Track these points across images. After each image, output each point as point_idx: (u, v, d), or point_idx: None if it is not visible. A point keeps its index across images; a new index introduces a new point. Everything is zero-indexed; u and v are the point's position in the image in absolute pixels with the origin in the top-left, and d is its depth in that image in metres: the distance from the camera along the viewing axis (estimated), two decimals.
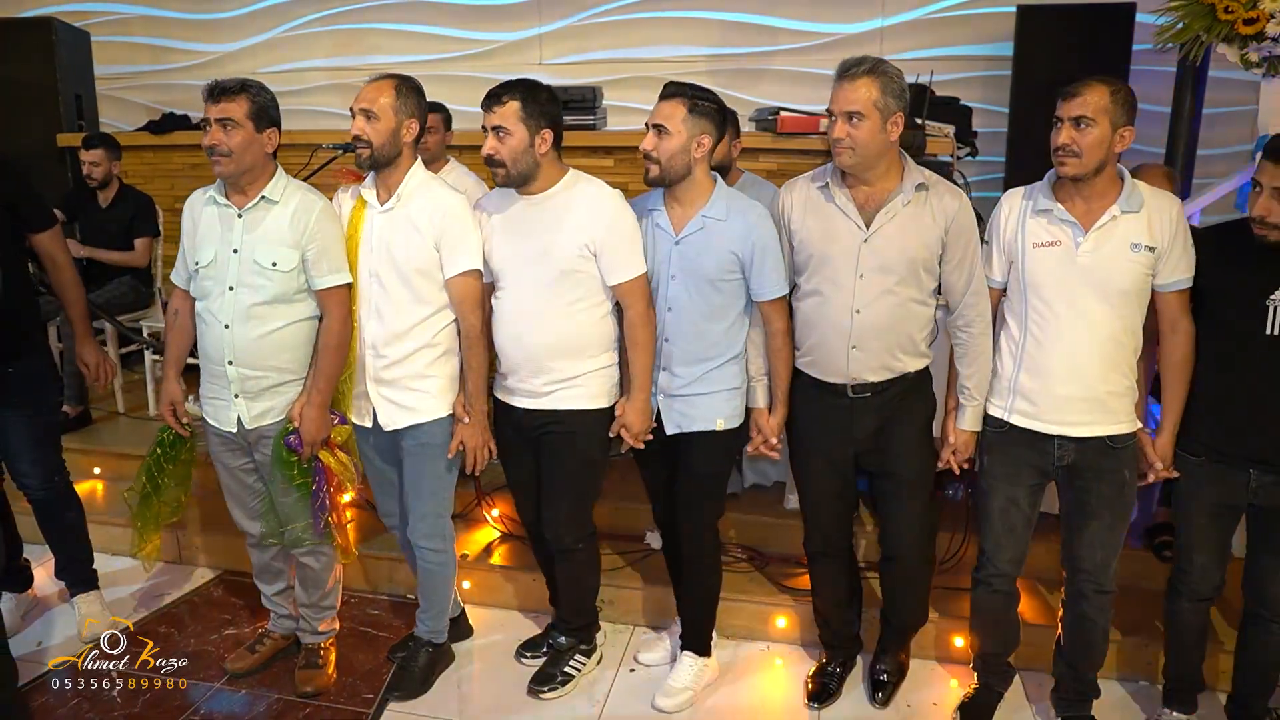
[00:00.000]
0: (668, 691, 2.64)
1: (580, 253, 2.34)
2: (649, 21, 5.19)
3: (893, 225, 2.24)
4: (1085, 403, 2.23)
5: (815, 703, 2.65)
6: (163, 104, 5.56)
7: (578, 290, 2.38)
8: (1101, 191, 2.17)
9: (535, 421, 2.47)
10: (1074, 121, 2.10)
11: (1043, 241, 2.22)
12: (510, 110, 2.29)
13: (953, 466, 2.41)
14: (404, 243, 2.39)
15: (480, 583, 3.15)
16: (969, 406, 2.36)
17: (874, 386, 2.34)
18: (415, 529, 2.59)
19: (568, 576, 2.69)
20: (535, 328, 2.40)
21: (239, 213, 2.38)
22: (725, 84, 5.12)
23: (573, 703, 2.66)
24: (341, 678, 2.73)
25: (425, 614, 2.73)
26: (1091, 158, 2.10)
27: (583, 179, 2.41)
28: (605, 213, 2.35)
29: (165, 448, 2.70)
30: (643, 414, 2.42)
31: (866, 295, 2.26)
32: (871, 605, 2.78)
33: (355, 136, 2.35)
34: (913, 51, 4.88)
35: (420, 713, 2.60)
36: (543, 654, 2.82)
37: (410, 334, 2.43)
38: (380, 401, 2.47)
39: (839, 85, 2.17)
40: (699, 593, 2.67)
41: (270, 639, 2.83)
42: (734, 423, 2.44)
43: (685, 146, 2.27)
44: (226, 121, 2.31)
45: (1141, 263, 2.16)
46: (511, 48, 5.36)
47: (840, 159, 2.20)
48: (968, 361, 2.34)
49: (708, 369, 2.40)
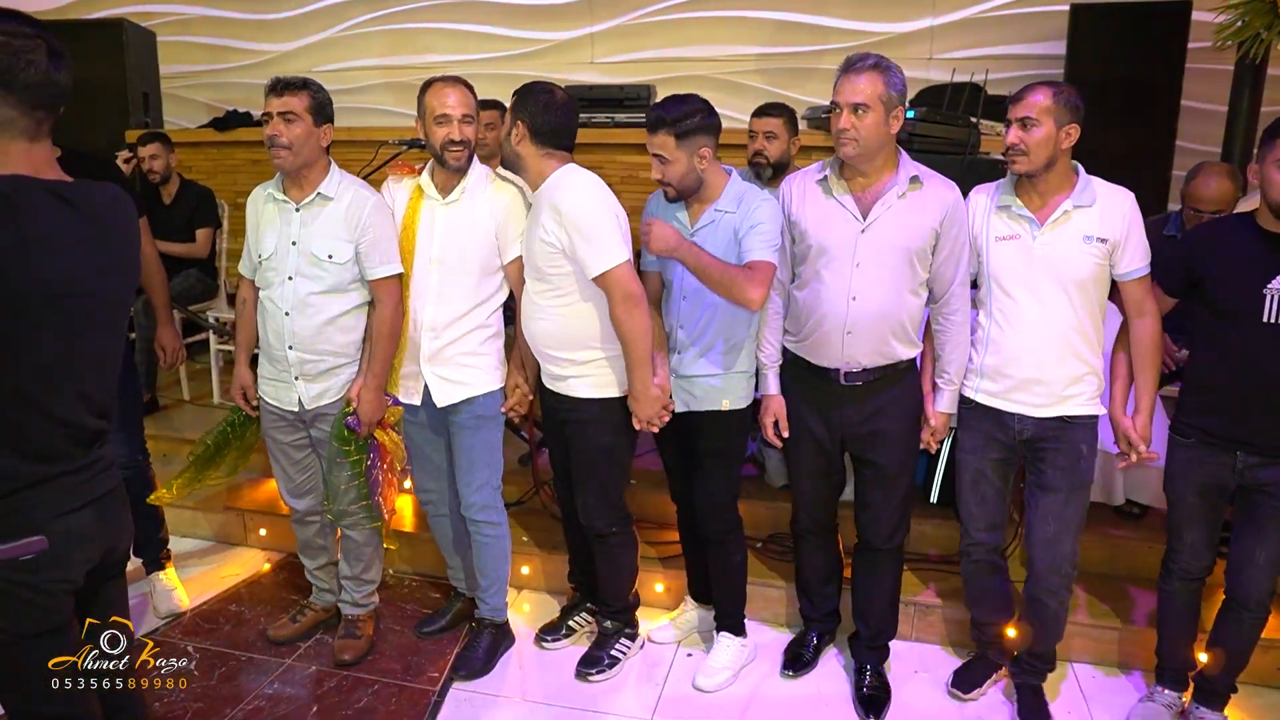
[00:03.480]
0: (707, 671, 2.71)
1: (549, 250, 2.38)
2: (699, 21, 5.24)
3: (889, 216, 2.30)
4: (1043, 385, 2.34)
5: (790, 670, 2.75)
6: (221, 102, 5.71)
7: (561, 285, 2.42)
8: (1055, 187, 2.29)
9: (560, 405, 2.57)
10: (1020, 123, 2.23)
11: (1003, 235, 2.34)
12: (510, 105, 2.44)
13: (930, 446, 2.52)
14: (469, 234, 2.52)
15: (537, 567, 3.23)
16: (947, 390, 2.46)
17: (865, 374, 2.42)
18: (470, 503, 2.69)
19: (604, 561, 2.74)
20: (531, 320, 2.51)
21: (296, 207, 2.51)
22: (775, 83, 5.16)
23: (633, 684, 2.73)
24: (406, 656, 2.82)
25: (485, 592, 2.81)
26: (1039, 155, 2.23)
27: (567, 176, 2.41)
28: (569, 209, 2.34)
29: (235, 427, 2.86)
30: (646, 403, 2.42)
31: (862, 283, 2.33)
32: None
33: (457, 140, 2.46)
34: (963, 51, 4.88)
35: (485, 692, 2.68)
36: (563, 636, 2.89)
37: (468, 316, 2.56)
38: (434, 379, 2.57)
39: (845, 78, 2.24)
40: (726, 571, 2.73)
41: (311, 610, 2.96)
42: (740, 404, 2.52)
43: (689, 167, 2.37)
44: (288, 114, 2.43)
45: (1094, 254, 2.26)
46: (563, 46, 5.44)
47: (844, 149, 2.26)
48: (949, 348, 2.43)
49: (717, 352, 2.48)
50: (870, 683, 2.66)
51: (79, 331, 1.50)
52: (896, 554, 2.64)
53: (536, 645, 2.89)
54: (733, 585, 2.75)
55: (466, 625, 2.94)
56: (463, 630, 2.95)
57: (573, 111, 2.48)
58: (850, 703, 2.64)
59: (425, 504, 2.88)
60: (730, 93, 5.14)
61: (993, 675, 2.70)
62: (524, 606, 3.14)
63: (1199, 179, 2.94)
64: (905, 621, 2.87)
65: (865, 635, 2.70)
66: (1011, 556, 2.91)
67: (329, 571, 2.94)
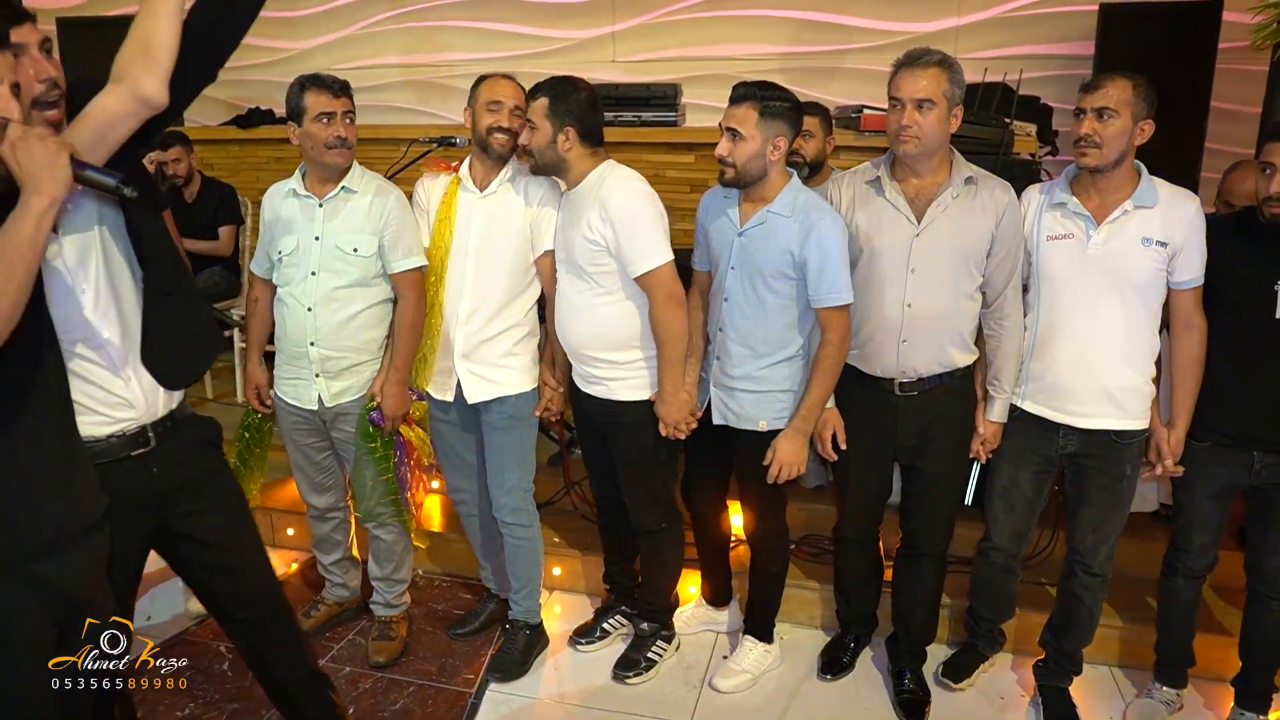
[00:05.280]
0: (726, 672, 2.70)
1: (593, 248, 2.37)
2: (721, 20, 5.21)
3: (944, 219, 2.25)
4: (1092, 394, 2.28)
5: (828, 673, 2.73)
6: (241, 99, 5.67)
7: (603, 284, 2.41)
8: (1118, 185, 2.22)
9: (599, 409, 2.55)
10: (1097, 113, 2.14)
11: (1056, 234, 2.28)
12: (539, 106, 2.37)
13: (980, 456, 2.46)
14: (505, 226, 2.51)
15: (569, 569, 3.21)
16: (999, 399, 2.39)
17: (921, 384, 2.36)
18: (501, 505, 2.67)
19: (651, 557, 2.73)
20: (568, 320, 2.48)
21: (320, 202, 2.50)
22: (797, 83, 5.08)
23: (670, 687, 2.71)
24: (440, 658, 2.80)
25: (518, 594, 2.79)
26: (1112, 149, 2.15)
27: (612, 173, 2.41)
28: (613, 207, 2.33)
29: (252, 431, 2.84)
30: (673, 407, 2.41)
31: (918, 289, 2.28)
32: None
33: (504, 128, 2.46)
34: (988, 51, 4.85)
35: (521, 694, 2.66)
36: (597, 639, 2.88)
37: (503, 312, 2.54)
38: (467, 376, 2.55)
39: (908, 72, 2.17)
40: (763, 579, 2.72)
41: (325, 605, 2.97)
42: (779, 424, 2.42)
43: (760, 151, 2.26)
44: (350, 114, 2.47)
45: (1153, 257, 2.19)
46: (584, 45, 5.41)
47: (904, 146, 2.19)
48: (1001, 354, 2.36)
49: (758, 366, 2.40)
50: (909, 686, 2.64)
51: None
52: (941, 560, 2.62)
53: (570, 647, 2.87)
54: (766, 593, 2.74)
55: (499, 627, 2.92)
56: (495, 632, 2.93)
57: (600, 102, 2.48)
58: (890, 706, 2.62)
59: (458, 504, 2.87)
60: None
61: (981, 665, 2.72)
62: (555, 608, 3.13)
63: (1237, 173, 2.90)
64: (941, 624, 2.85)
65: (905, 640, 2.68)
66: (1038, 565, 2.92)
67: (343, 566, 2.95)
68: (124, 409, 1.68)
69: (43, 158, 1.32)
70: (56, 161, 1.33)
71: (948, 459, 2.46)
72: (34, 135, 1.33)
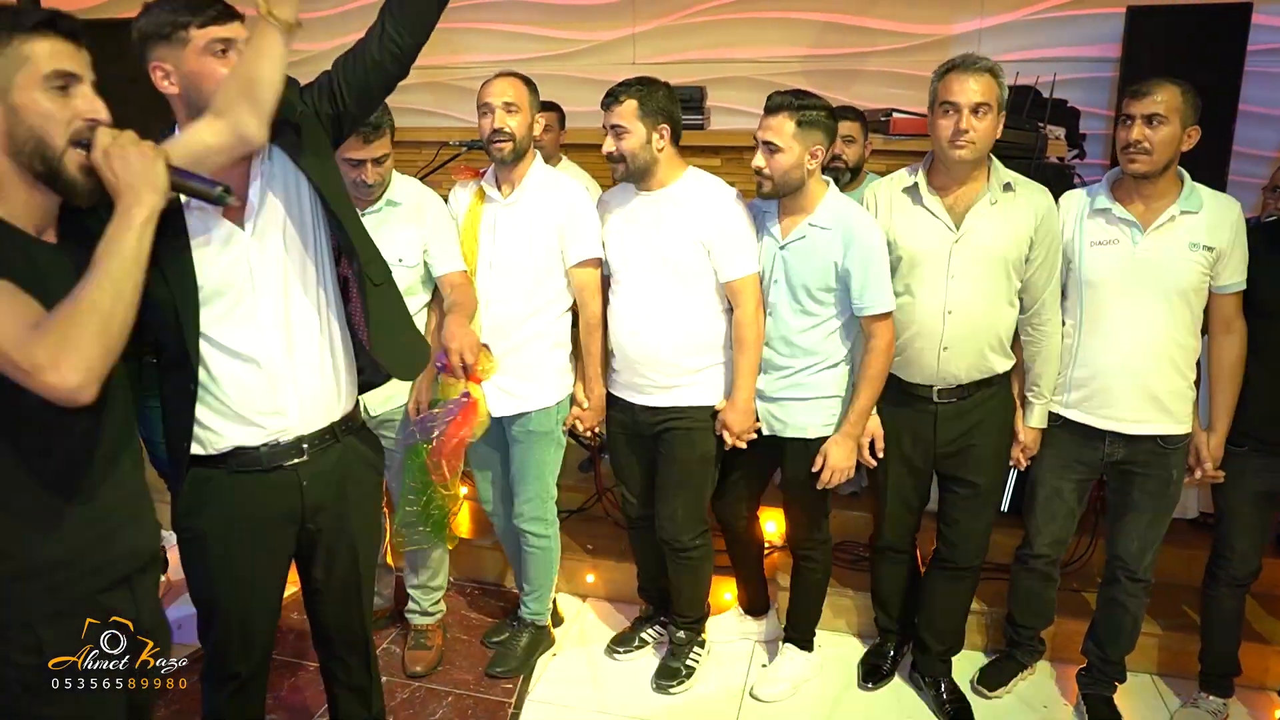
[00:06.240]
0: (767, 681, 2.69)
1: (694, 248, 2.36)
2: (742, 22, 5.19)
3: (983, 225, 2.24)
4: (1139, 400, 2.27)
5: (869, 682, 2.71)
6: None
7: (694, 286, 2.40)
8: (1163, 191, 2.21)
9: (655, 418, 2.51)
10: (1146, 119, 2.13)
11: (1100, 240, 2.26)
12: (628, 109, 2.33)
13: (1020, 463, 2.45)
14: (528, 234, 2.46)
15: (603, 576, 3.19)
16: (1038, 405, 2.39)
17: (960, 391, 2.35)
18: (521, 513, 2.66)
19: (684, 572, 2.70)
20: (653, 323, 2.44)
21: (363, 213, 2.44)
22: (819, 85, 5.08)
23: (711, 695, 2.69)
24: (477, 667, 2.78)
25: (528, 596, 2.80)
26: (1162, 155, 2.15)
27: (701, 175, 2.44)
28: (719, 209, 2.36)
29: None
30: (744, 414, 2.43)
31: (958, 297, 2.27)
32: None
33: (497, 129, 2.39)
34: (1011, 53, 4.80)
35: (563, 702, 2.64)
36: (635, 648, 2.85)
37: (526, 322, 2.50)
38: (490, 388, 2.52)
39: (960, 78, 2.15)
40: (806, 588, 2.71)
41: None
42: (826, 431, 2.42)
43: (798, 162, 2.26)
44: (380, 160, 2.43)
45: (1200, 262, 2.19)
46: (605, 48, 5.38)
47: (960, 152, 2.17)
48: (1041, 360, 2.36)
49: (805, 375, 2.40)
50: (949, 696, 2.62)
51: None
52: (977, 570, 2.60)
53: (609, 656, 2.85)
54: (808, 601, 2.73)
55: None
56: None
57: None
58: (932, 714, 2.61)
59: (491, 515, 2.85)
60: None
61: (1019, 674, 2.70)
62: (590, 615, 3.11)
63: None
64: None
65: (936, 650, 2.66)
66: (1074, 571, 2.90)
67: (378, 573, 2.88)
68: (280, 417, 1.66)
69: (139, 165, 1.27)
70: (155, 169, 1.29)
71: (988, 468, 2.44)
72: (127, 141, 1.28)
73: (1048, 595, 2.62)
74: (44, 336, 1.16)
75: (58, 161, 1.27)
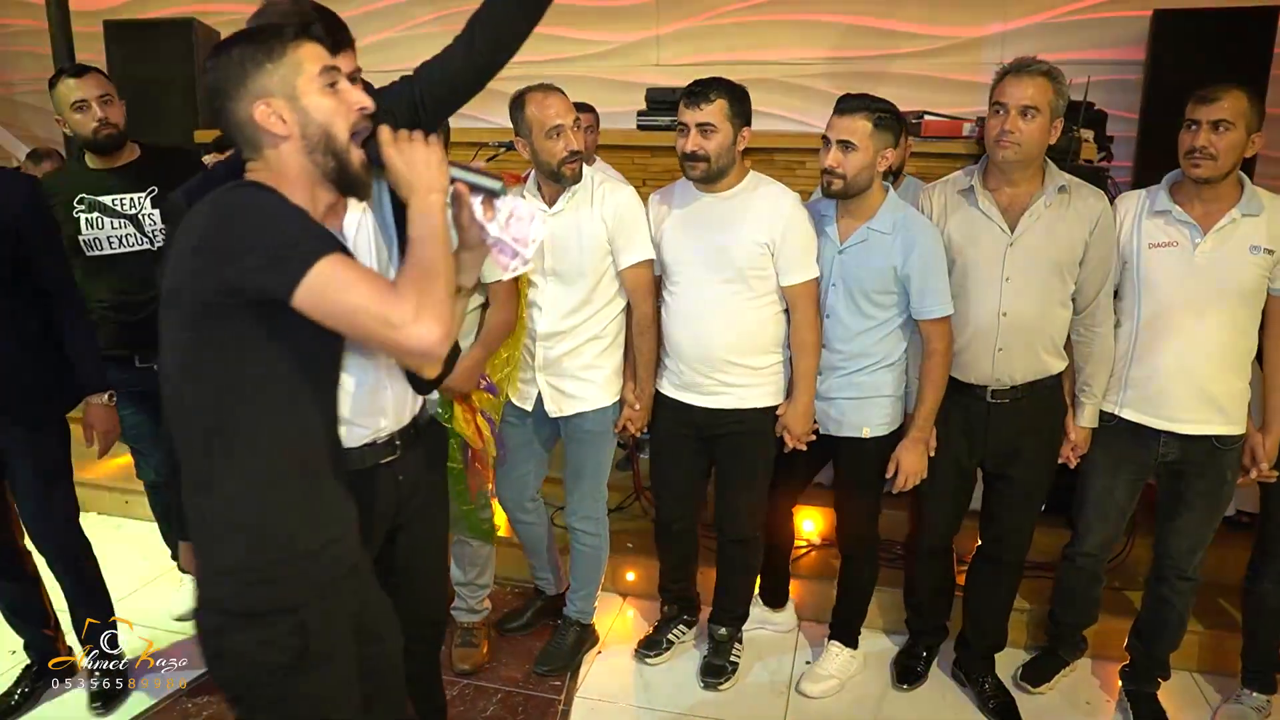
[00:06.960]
0: (813, 678, 2.72)
1: (760, 251, 2.38)
2: (766, 24, 5.20)
3: (1038, 227, 2.26)
4: (1196, 401, 2.28)
5: (904, 684, 2.72)
6: None
7: (756, 288, 2.42)
8: (1223, 194, 2.23)
9: (715, 420, 2.52)
10: (1213, 125, 2.15)
11: (1159, 242, 2.28)
12: (718, 108, 2.33)
13: (1070, 461, 2.46)
14: (578, 241, 2.46)
15: (642, 574, 3.21)
16: (1089, 404, 2.41)
17: (1014, 391, 2.37)
18: (574, 511, 2.69)
19: (736, 567, 2.73)
20: (714, 324, 2.44)
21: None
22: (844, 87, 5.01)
23: (758, 691, 2.72)
24: (524, 665, 2.80)
25: (575, 594, 2.82)
26: (1227, 160, 2.17)
27: (764, 179, 2.46)
28: (785, 213, 2.39)
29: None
30: (805, 417, 2.46)
31: (1012, 298, 2.29)
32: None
33: (575, 151, 2.40)
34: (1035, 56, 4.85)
35: (611, 700, 2.66)
36: (664, 650, 2.87)
37: (582, 327, 2.51)
38: (547, 389, 2.55)
39: (1014, 79, 2.18)
40: (854, 586, 2.74)
41: None
42: (882, 431, 2.45)
43: (871, 162, 2.29)
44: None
45: (1260, 265, 2.21)
46: (628, 49, 5.41)
47: (1005, 153, 2.20)
48: (1093, 360, 2.37)
49: (859, 375, 2.43)
50: (993, 692, 2.64)
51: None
52: (1020, 568, 2.63)
53: (638, 661, 2.85)
54: (856, 599, 2.76)
55: (546, 622, 2.95)
56: (543, 627, 2.95)
57: None
58: (977, 711, 2.63)
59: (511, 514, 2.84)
60: (798, 97, 5.13)
61: (1062, 670, 2.72)
62: (629, 613, 3.13)
63: None
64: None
65: (979, 647, 2.68)
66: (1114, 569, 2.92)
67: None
68: (380, 417, 1.69)
69: (424, 155, 1.34)
70: (437, 157, 1.35)
71: (1038, 467, 2.47)
72: (404, 135, 1.35)
73: (1094, 594, 2.65)
74: (402, 296, 1.22)
75: (345, 154, 1.34)
